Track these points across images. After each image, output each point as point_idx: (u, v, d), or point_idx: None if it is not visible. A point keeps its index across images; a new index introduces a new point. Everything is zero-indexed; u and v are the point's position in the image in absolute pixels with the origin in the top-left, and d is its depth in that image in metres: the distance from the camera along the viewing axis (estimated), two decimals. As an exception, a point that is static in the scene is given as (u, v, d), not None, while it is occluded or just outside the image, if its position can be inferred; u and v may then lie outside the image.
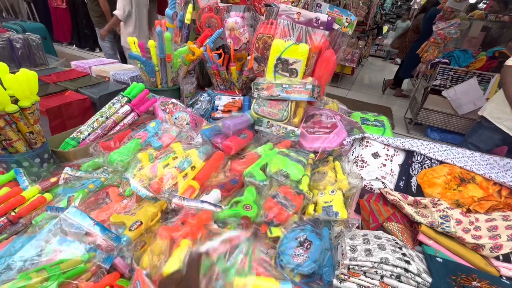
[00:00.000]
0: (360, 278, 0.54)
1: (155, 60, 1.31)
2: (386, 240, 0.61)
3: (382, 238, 0.62)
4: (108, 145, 1.01)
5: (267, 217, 0.82)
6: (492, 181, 0.95)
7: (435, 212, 0.78)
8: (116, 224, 0.75)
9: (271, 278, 0.64)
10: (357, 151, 1.14)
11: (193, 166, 0.95)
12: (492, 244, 0.70)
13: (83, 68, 2.00)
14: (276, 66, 1.28)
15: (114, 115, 1.17)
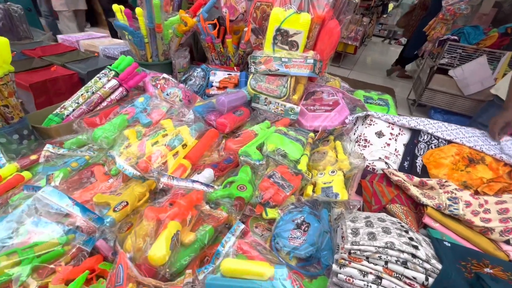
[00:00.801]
0: (362, 263, 0.49)
1: (143, 31, 1.21)
2: (390, 223, 0.56)
3: (386, 221, 0.57)
4: (93, 121, 0.94)
5: (263, 198, 0.77)
6: (503, 162, 0.89)
7: (443, 194, 0.72)
8: (100, 204, 0.70)
9: (265, 262, 0.59)
10: (360, 130, 1.07)
11: (184, 144, 0.88)
12: (503, 228, 0.66)
13: (71, 43, 1.89)
14: (275, 38, 1.18)
15: (101, 90, 1.09)
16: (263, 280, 0.56)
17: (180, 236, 0.61)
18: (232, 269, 0.57)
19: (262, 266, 0.58)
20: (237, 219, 0.72)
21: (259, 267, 0.58)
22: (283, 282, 0.55)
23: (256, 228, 0.75)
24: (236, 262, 0.59)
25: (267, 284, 0.55)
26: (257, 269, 0.57)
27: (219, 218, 0.69)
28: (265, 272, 0.57)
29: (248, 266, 0.59)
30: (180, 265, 0.59)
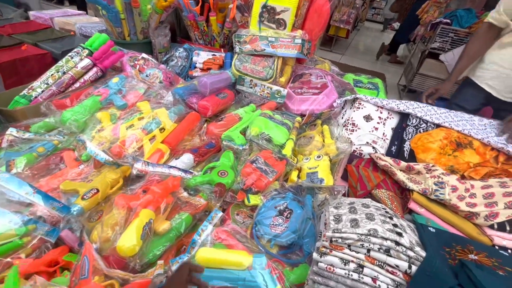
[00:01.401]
0: (343, 251, 0.47)
1: (118, 5, 1.11)
2: (375, 209, 0.53)
3: (370, 207, 0.55)
4: (62, 103, 0.87)
5: (245, 184, 0.74)
6: (490, 147, 0.88)
7: (429, 179, 0.70)
8: (68, 192, 0.65)
9: (243, 251, 0.56)
10: (348, 114, 1.03)
11: (162, 128, 0.83)
12: (488, 212, 0.65)
13: (44, 20, 1.75)
14: (261, 15, 1.11)
15: (72, 70, 1.01)
16: (241, 269, 0.54)
17: (153, 225, 0.57)
18: (208, 258, 0.54)
19: (239, 255, 0.55)
20: (217, 206, 0.69)
21: (236, 256, 0.55)
22: (262, 272, 0.53)
23: (238, 215, 0.71)
24: (212, 252, 0.56)
25: (244, 273, 0.53)
26: (235, 259, 0.55)
27: (197, 206, 0.66)
28: (243, 262, 0.54)
29: (225, 255, 0.56)
30: (153, 256, 0.55)
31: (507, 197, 0.66)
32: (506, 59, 1.12)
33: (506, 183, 0.73)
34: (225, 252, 0.57)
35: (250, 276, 0.53)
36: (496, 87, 1.18)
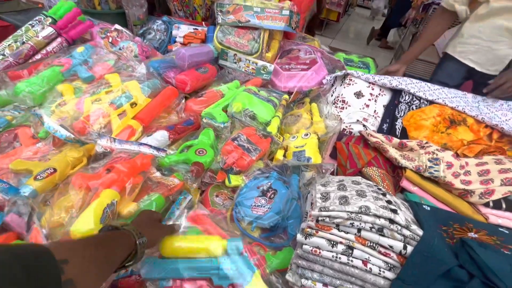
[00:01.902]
0: (331, 232, 0.41)
1: (85, -33, 0.99)
2: (366, 185, 0.48)
3: (361, 184, 0.49)
4: (19, 75, 0.77)
5: (225, 163, 0.67)
6: (484, 124, 0.84)
7: (424, 155, 0.66)
8: (19, 171, 0.57)
9: (216, 236, 0.51)
10: (338, 91, 0.97)
11: (133, 103, 0.74)
12: (483, 190, 0.61)
13: (8, -10, 1.58)
14: (246, -18, 1.02)
15: (33, 39, 0.89)
16: (215, 256, 0.48)
17: (117, 206, 0.50)
18: (174, 248, 0.49)
19: (210, 241, 0.49)
20: (193, 187, 0.62)
21: (207, 242, 0.49)
22: (236, 258, 0.47)
23: (217, 197, 0.65)
24: (177, 240, 0.50)
25: (218, 261, 0.47)
26: (205, 245, 0.49)
27: (170, 186, 0.59)
28: (215, 248, 0.48)
29: (193, 243, 0.50)
30: (117, 241, 0.48)
31: (503, 174, 0.62)
32: (484, 31, 1.08)
33: (501, 160, 0.69)
34: (193, 239, 0.51)
35: (226, 263, 0.47)
36: (479, 61, 1.14)
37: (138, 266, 0.47)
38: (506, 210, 0.59)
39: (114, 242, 0.38)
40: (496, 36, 1.06)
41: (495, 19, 1.04)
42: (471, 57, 1.15)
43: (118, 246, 0.38)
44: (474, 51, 1.14)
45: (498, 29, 1.05)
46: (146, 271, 0.47)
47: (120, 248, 0.38)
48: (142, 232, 0.42)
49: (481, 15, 1.07)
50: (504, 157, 0.72)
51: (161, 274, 0.47)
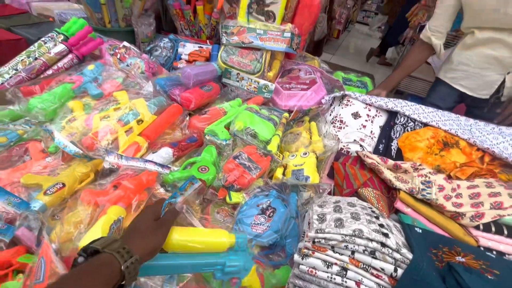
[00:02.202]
0: (326, 253, 0.44)
1: (98, -11, 1.05)
2: (361, 208, 0.51)
3: (356, 206, 0.52)
4: (31, 90, 0.80)
5: (227, 181, 0.70)
6: (476, 147, 0.87)
7: (416, 178, 0.69)
8: (29, 186, 0.59)
9: (222, 231, 0.51)
10: (336, 111, 1.01)
11: (140, 120, 0.78)
12: (473, 213, 0.63)
13: (20, 4, 1.64)
14: (250, 6, 1.07)
15: (45, 56, 0.93)
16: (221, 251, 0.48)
17: (123, 223, 0.52)
18: (176, 242, 0.45)
19: (218, 236, 0.49)
20: (196, 204, 0.65)
21: (214, 237, 0.49)
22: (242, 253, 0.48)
23: (218, 213, 0.67)
24: (183, 232, 0.47)
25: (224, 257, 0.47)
26: (212, 240, 0.48)
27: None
28: (224, 243, 0.48)
29: (199, 237, 0.48)
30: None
31: (493, 198, 0.65)
32: (473, 60, 1.14)
33: (491, 183, 0.72)
34: (198, 232, 0.50)
35: (232, 259, 0.47)
36: (469, 86, 1.20)
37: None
38: (495, 233, 0.61)
39: (90, 278, 0.32)
40: (484, 64, 1.12)
41: (482, 49, 1.10)
42: (462, 82, 1.20)
43: (96, 281, 0.32)
44: (464, 77, 1.19)
45: (485, 57, 1.10)
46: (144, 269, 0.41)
47: (100, 282, 0.32)
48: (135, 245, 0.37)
49: (468, 44, 1.13)
50: (495, 180, 0.75)
51: (160, 271, 0.44)
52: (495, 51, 1.08)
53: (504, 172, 0.82)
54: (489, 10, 1.03)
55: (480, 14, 1.06)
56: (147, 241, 0.39)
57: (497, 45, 1.07)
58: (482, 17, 1.07)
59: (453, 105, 1.30)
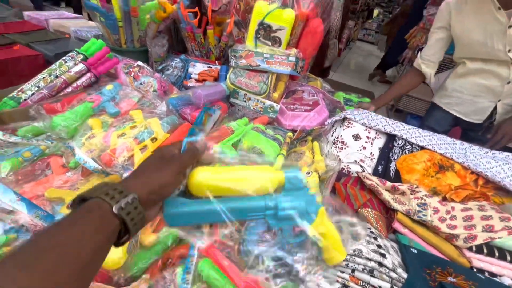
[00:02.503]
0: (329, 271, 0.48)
1: (117, 14, 1.13)
2: (360, 228, 0.55)
3: (356, 226, 0.56)
4: (53, 108, 0.86)
5: (234, 198, 0.74)
6: (470, 170, 0.92)
7: (413, 200, 0.73)
8: (53, 199, 0.63)
9: (268, 167, 0.43)
10: (338, 132, 1.06)
11: (154, 138, 0.83)
12: (467, 235, 0.67)
13: (39, 21, 1.74)
14: (258, 32, 1.15)
15: (65, 74, 1.00)
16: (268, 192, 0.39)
17: (140, 237, 0.57)
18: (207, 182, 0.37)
19: (261, 173, 0.39)
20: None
21: (255, 175, 0.39)
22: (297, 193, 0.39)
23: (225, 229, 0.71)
24: (212, 171, 0.39)
25: (274, 198, 0.38)
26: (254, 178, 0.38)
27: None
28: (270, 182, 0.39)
29: (235, 174, 0.39)
30: (138, 269, 0.54)
31: (485, 221, 0.69)
32: (465, 87, 1.22)
33: (484, 206, 0.76)
34: (235, 169, 0.40)
35: (286, 200, 0.38)
36: (463, 111, 1.27)
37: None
38: (487, 255, 0.65)
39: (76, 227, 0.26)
40: (476, 92, 1.19)
41: (473, 78, 1.17)
42: (456, 108, 1.27)
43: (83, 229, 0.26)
44: (458, 103, 1.26)
45: (477, 86, 1.17)
46: (170, 217, 0.36)
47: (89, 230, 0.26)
48: (132, 184, 0.32)
49: (460, 73, 1.20)
50: (487, 203, 0.79)
51: (191, 219, 0.37)
52: (486, 81, 1.15)
53: (498, 195, 0.86)
54: (477, 44, 1.11)
55: (469, 47, 1.14)
56: (149, 177, 0.33)
57: (487, 75, 1.14)
58: (472, 50, 1.14)
59: (448, 128, 1.36)
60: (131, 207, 0.29)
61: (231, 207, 0.36)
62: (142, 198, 0.31)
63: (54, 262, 0.23)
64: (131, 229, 0.30)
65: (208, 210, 0.36)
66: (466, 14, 1.12)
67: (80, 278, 0.24)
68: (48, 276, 0.22)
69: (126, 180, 0.33)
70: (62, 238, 0.25)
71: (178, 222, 0.37)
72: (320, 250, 0.42)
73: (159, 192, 0.33)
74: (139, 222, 0.31)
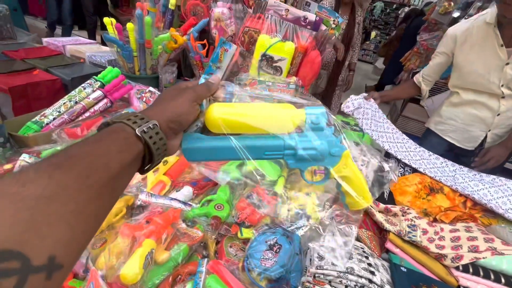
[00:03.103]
0: (324, 287, 0.53)
1: (133, 45, 1.24)
2: (354, 248, 0.61)
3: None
4: (74, 132, 0.94)
5: (239, 218, 0.80)
6: (458, 193, 0.98)
7: (404, 221, 0.79)
8: (75, 219, 0.70)
9: (287, 104, 0.41)
10: (335, 155, 1.14)
11: (165, 161, 0.90)
12: (454, 255, 0.73)
13: (56, 47, 1.86)
14: (261, 62, 1.25)
15: (84, 100, 1.09)
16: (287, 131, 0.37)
17: (154, 254, 0.62)
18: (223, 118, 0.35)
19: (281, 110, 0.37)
20: (212, 238, 0.75)
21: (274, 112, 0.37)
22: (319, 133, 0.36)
23: (231, 247, 0.77)
24: (229, 106, 0.38)
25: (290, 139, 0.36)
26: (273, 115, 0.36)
27: (194, 237, 0.71)
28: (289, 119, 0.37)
29: (253, 110, 0.37)
30: (152, 284, 0.60)
31: (471, 241, 0.75)
32: (459, 116, 1.31)
33: (471, 227, 0.82)
34: (254, 105, 0.39)
35: (306, 140, 0.36)
36: (457, 138, 1.36)
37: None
38: (473, 274, 0.70)
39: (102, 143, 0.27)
40: (469, 121, 1.27)
41: (467, 108, 1.26)
42: (450, 134, 1.35)
43: (108, 147, 0.27)
44: (452, 130, 1.34)
45: (470, 115, 1.26)
46: (188, 151, 0.36)
47: (114, 148, 0.27)
48: (151, 112, 0.33)
49: (455, 103, 1.29)
50: (474, 225, 0.85)
51: (208, 156, 0.36)
52: (478, 111, 1.24)
53: (485, 216, 0.92)
54: (475, 74, 1.20)
55: (467, 76, 1.23)
56: (166, 106, 0.34)
57: (480, 106, 1.23)
58: (469, 79, 1.23)
59: (443, 153, 1.43)
60: (153, 132, 0.30)
61: (248, 144, 0.34)
62: (161, 125, 0.32)
63: (87, 167, 0.24)
64: (154, 153, 0.30)
65: (225, 146, 0.35)
66: (470, 45, 1.21)
67: (109, 187, 0.26)
68: (81, 178, 0.23)
69: (146, 110, 0.34)
70: (91, 149, 0.26)
71: (195, 157, 0.37)
72: (342, 195, 0.40)
73: (177, 120, 0.34)
74: (162, 147, 0.31)
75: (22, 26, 2.46)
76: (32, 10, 5.41)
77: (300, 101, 0.42)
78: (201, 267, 0.66)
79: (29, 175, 0.21)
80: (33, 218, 0.19)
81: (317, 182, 0.41)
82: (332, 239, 0.66)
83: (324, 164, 0.38)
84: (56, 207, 0.21)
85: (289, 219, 0.81)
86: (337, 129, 0.40)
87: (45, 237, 0.20)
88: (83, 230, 0.23)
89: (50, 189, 0.21)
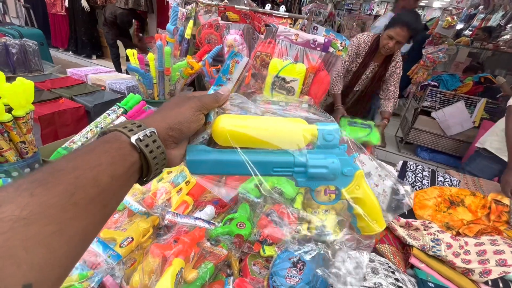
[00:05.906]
0: (353, 303, 0.54)
1: (153, 73, 1.32)
2: (379, 263, 0.61)
3: (375, 261, 0.62)
4: (101, 157, 1.00)
5: (261, 236, 0.82)
6: (481, 205, 0.97)
7: (426, 235, 0.79)
8: (107, 239, 0.73)
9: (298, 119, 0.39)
10: (351, 171, 1.15)
11: (187, 181, 0.94)
12: (481, 269, 0.72)
13: (79, 76, 1.99)
14: (274, 83, 1.31)
15: (109, 126, 1.16)
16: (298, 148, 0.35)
17: (184, 273, 0.64)
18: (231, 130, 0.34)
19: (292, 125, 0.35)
20: (236, 257, 0.76)
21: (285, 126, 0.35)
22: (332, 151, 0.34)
23: (254, 265, 0.78)
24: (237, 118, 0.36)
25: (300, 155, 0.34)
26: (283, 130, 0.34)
27: (219, 256, 0.73)
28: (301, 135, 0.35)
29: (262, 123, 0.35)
30: (183, 302, 0.61)
31: (497, 255, 0.74)
32: None
33: (496, 241, 0.81)
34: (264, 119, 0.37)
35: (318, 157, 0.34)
36: None
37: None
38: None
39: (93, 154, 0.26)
40: None
41: None
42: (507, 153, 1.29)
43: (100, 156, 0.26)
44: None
45: None
46: (191, 163, 0.34)
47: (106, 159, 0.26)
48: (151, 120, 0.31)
49: None
50: (500, 238, 0.83)
51: (213, 169, 0.34)
52: None
53: (510, 229, 0.91)
54: None
55: None
56: (168, 113, 0.32)
57: None
58: None
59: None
60: (150, 140, 0.29)
61: (256, 159, 0.33)
62: (161, 133, 0.31)
63: (72, 183, 0.23)
64: (151, 163, 0.29)
65: (231, 160, 0.33)
66: None
67: (98, 203, 0.24)
68: (65, 195, 0.22)
69: (146, 117, 0.33)
70: (80, 163, 0.25)
71: (200, 170, 0.35)
72: (354, 217, 0.37)
73: (178, 128, 0.32)
74: (159, 156, 0.30)
75: (47, 58, 2.64)
76: (55, 43, 5.82)
77: (312, 117, 0.41)
78: (228, 285, 0.68)
79: (8, 194, 0.20)
80: (8, 243, 0.18)
81: (327, 202, 0.40)
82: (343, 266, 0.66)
83: (335, 183, 0.37)
84: (35, 230, 0.20)
85: (296, 243, 0.81)
86: (350, 148, 0.39)
87: (20, 264, 0.18)
88: (65, 252, 0.21)
89: (29, 209, 0.20)
